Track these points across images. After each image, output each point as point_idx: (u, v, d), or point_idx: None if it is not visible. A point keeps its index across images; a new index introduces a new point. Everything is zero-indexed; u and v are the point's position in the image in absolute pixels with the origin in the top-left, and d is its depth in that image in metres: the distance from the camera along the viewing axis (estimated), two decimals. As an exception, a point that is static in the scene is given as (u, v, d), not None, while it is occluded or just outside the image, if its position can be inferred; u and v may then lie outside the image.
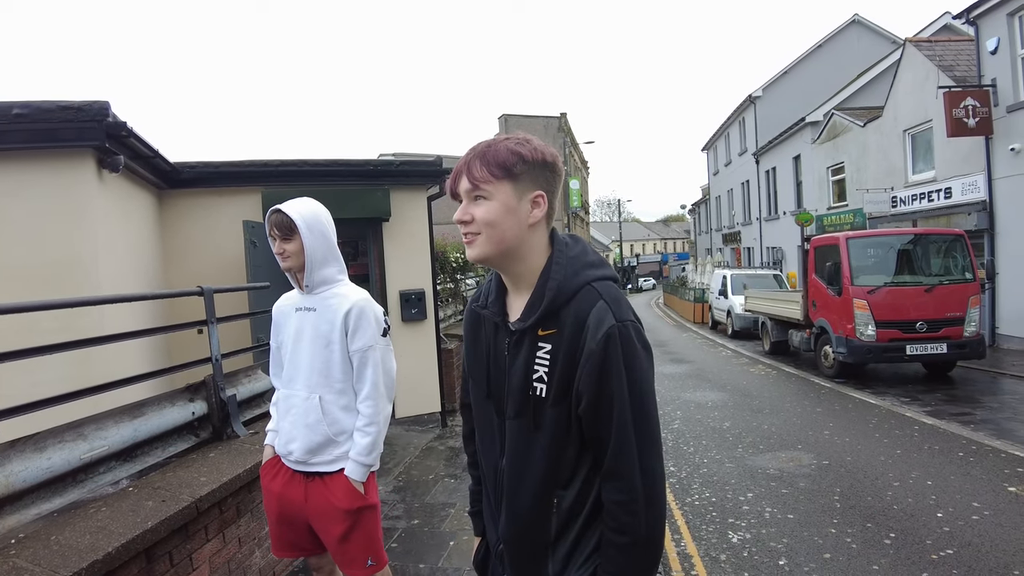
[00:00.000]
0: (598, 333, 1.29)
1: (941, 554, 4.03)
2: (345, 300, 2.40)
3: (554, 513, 1.38)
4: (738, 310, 17.03)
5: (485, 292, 1.53)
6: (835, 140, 19.48)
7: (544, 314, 1.35)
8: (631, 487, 1.30)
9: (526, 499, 1.39)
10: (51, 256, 4.42)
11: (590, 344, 1.29)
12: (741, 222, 30.36)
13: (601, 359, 1.28)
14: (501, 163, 1.34)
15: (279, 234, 2.37)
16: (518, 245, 1.37)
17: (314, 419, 2.36)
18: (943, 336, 9.49)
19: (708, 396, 9.63)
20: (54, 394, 2.59)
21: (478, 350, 1.52)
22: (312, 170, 6.87)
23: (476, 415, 1.56)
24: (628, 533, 1.30)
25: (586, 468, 1.37)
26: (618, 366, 1.28)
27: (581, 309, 1.33)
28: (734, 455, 6.42)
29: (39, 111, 4.22)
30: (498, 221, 1.34)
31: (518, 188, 1.35)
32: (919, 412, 7.86)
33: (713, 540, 4.45)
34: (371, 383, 2.37)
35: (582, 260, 1.40)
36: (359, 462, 2.35)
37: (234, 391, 3.73)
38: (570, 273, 1.37)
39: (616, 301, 1.34)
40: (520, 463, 1.40)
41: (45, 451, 2.53)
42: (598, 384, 1.29)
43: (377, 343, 2.39)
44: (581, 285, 1.36)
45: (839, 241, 10.45)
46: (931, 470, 5.61)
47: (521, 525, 1.41)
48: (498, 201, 1.34)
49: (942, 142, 13.74)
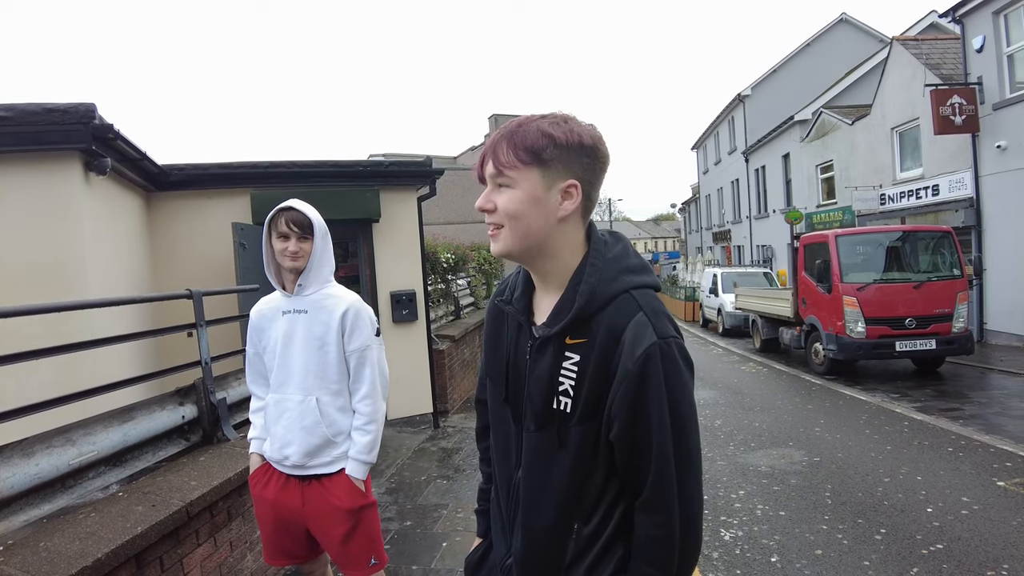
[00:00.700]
0: (636, 351, 1.14)
1: (931, 549, 4.05)
2: (341, 301, 2.40)
3: (572, 539, 1.24)
4: (729, 308, 17.10)
5: (511, 286, 1.38)
6: (824, 138, 19.59)
7: (573, 321, 1.20)
8: (669, 522, 1.16)
9: (544, 520, 1.26)
10: (38, 260, 4.38)
11: (626, 363, 1.15)
12: (731, 220, 30.48)
13: (639, 382, 1.14)
14: (529, 146, 1.18)
15: (298, 232, 2.34)
16: (546, 240, 1.22)
17: (311, 421, 2.35)
18: (932, 332, 9.57)
19: (699, 394, 9.65)
20: (42, 399, 2.57)
21: (498, 348, 1.38)
22: (302, 171, 6.84)
23: (492, 417, 1.43)
24: (661, 567, 1.18)
25: (612, 495, 1.24)
26: (659, 391, 1.14)
27: (616, 320, 1.18)
28: (726, 453, 6.45)
29: (24, 114, 4.18)
30: (522, 212, 1.20)
31: (547, 176, 1.19)
32: (909, 408, 7.91)
33: (705, 538, 4.46)
34: (369, 382, 2.39)
35: (621, 263, 1.24)
36: (360, 460, 2.36)
37: (224, 394, 3.71)
38: (606, 277, 1.21)
39: (657, 314, 1.18)
40: (539, 481, 1.26)
41: (33, 457, 2.50)
42: (635, 410, 1.15)
43: (373, 342, 2.41)
44: (618, 292, 1.20)
45: (828, 239, 10.51)
46: (921, 465, 5.65)
47: (536, 546, 1.28)
48: (523, 190, 1.19)
49: (929, 140, 13.85)
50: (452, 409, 8.65)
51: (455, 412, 8.71)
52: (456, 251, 10.83)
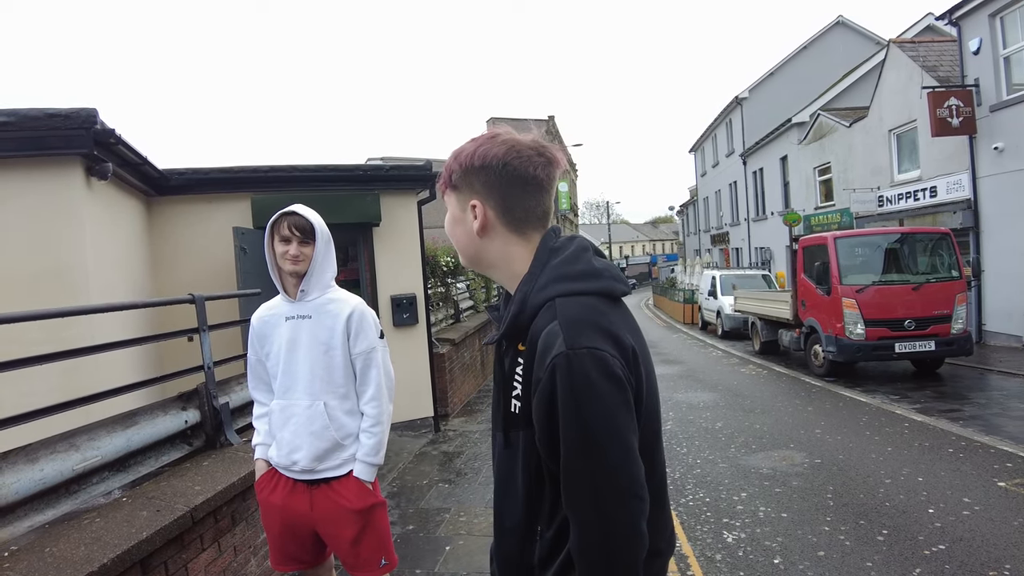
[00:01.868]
0: (545, 360, 1.12)
1: (933, 549, 4.06)
2: (345, 305, 2.42)
3: (537, 541, 1.25)
4: (728, 310, 17.11)
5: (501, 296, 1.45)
6: (821, 140, 19.64)
7: (509, 330, 1.24)
8: (586, 536, 1.12)
9: (509, 521, 1.28)
10: (39, 265, 4.39)
11: (538, 372, 1.14)
12: (729, 223, 30.54)
13: (548, 391, 1.11)
14: (445, 171, 1.31)
15: (300, 236, 2.35)
16: (477, 254, 1.31)
17: (320, 426, 2.36)
18: (931, 334, 9.59)
19: (700, 397, 9.66)
20: (43, 405, 2.56)
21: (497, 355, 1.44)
22: (302, 176, 6.85)
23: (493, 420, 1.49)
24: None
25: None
26: (565, 402, 1.09)
27: (537, 329, 1.18)
28: (727, 455, 6.45)
29: (26, 119, 4.19)
30: (450, 231, 1.33)
31: (460, 198, 1.30)
32: (909, 409, 7.93)
33: (708, 540, 4.47)
34: (375, 384, 2.41)
35: (559, 270, 1.22)
36: (367, 462, 2.38)
37: (227, 399, 3.70)
38: (539, 285, 1.21)
39: (574, 323, 1.13)
40: (503, 483, 1.31)
41: (37, 462, 2.50)
42: (543, 420, 1.14)
43: (378, 344, 2.43)
44: (544, 301, 1.19)
45: (827, 241, 10.53)
46: (922, 467, 5.66)
47: (507, 548, 1.30)
48: (449, 211, 1.33)
49: (927, 142, 13.89)
50: (453, 413, 8.65)
51: (456, 416, 8.70)
52: (456, 254, 10.84)
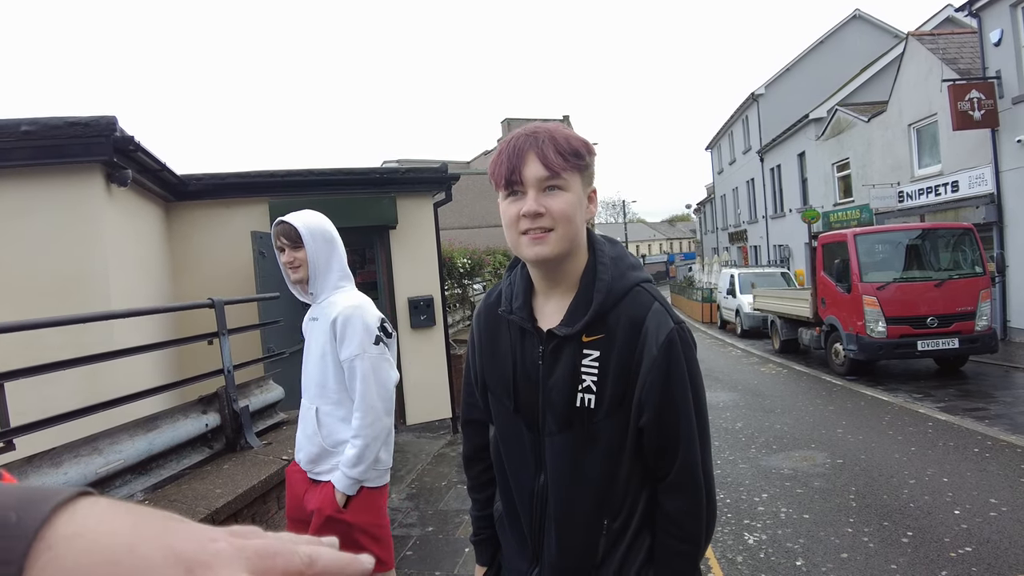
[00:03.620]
0: (659, 338, 1.22)
1: (960, 552, 3.99)
2: (334, 308, 2.35)
3: (603, 535, 1.29)
4: (747, 309, 16.96)
5: (507, 295, 1.38)
6: (839, 136, 19.42)
7: (593, 318, 1.24)
8: (698, 498, 1.26)
9: (577, 520, 1.29)
10: (62, 271, 4.44)
11: (651, 350, 1.22)
12: (747, 220, 30.27)
13: (666, 365, 1.22)
14: (575, 151, 1.22)
15: (288, 243, 2.37)
16: (577, 241, 1.26)
17: (311, 430, 2.38)
18: (954, 331, 9.43)
19: (719, 396, 9.59)
20: (65, 409, 2.59)
21: (499, 359, 1.38)
22: (318, 179, 6.89)
23: (503, 433, 1.41)
24: (693, 541, 1.26)
25: (635, 487, 1.30)
26: (681, 372, 1.23)
27: (635, 312, 1.25)
28: (747, 455, 6.39)
29: (47, 127, 4.25)
30: (573, 215, 1.22)
31: (585, 181, 1.26)
32: (932, 408, 7.81)
33: (729, 542, 4.43)
34: (360, 394, 2.29)
35: (626, 261, 1.32)
36: (344, 473, 2.28)
37: (246, 402, 3.73)
38: (617, 274, 1.28)
39: (666, 303, 1.28)
40: (569, 482, 1.28)
41: (61, 466, 2.53)
42: (663, 393, 1.22)
43: (366, 351, 2.29)
44: (630, 287, 1.28)
45: (847, 238, 10.41)
46: (947, 467, 5.57)
47: (571, 547, 1.30)
48: (574, 193, 1.22)
49: (948, 135, 13.67)
50: (470, 414, 8.63)
51: (473, 417, 8.69)
52: (472, 255, 10.86)
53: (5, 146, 4.23)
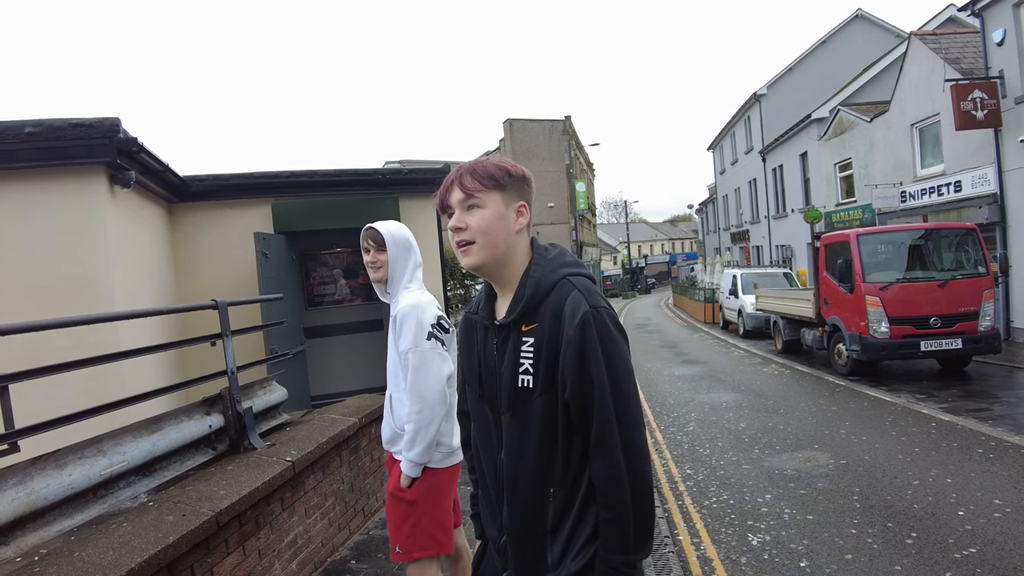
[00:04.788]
0: (574, 319, 1.39)
1: (964, 553, 3.98)
2: (397, 306, 2.64)
3: (551, 502, 1.45)
4: (749, 309, 16.93)
5: (476, 301, 1.65)
6: (842, 136, 19.39)
7: (525, 309, 1.45)
8: (615, 462, 1.37)
9: (525, 489, 1.47)
10: (65, 272, 4.45)
11: (568, 331, 1.39)
12: (749, 221, 30.24)
13: (580, 343, 1.38)
14: (490, 175, 1.47)
15: (375, 246, 2.71)
16: (506, 250, 1.49)
17: (386, 413, 2.73)
18: (957, 331, 9.40)
19: (722, 397, 9.58)
20: (71, 410, 2.60)
21: (471, 355, 1.63)
22: (321, 180, 6.89)
23: (474, 416, 1.66)
24: (617, 508, 1.38)
25: (577, 457, 1.44)
26: (595, 348, 1.37)
27: (558, 300, 1.43)
28: (751, 456, 6.39)
29: (51, 129, 4.26)
30: (491, 228, 1.46)
31: (506, 198, 1.49)
32: (935, 409, 7.79)
33: (733, 543, 4.42)
34: (410, 383, 2.53)
35: (559, 260, 1.52)
36: (405, 456, 2.55)
37: (250, 403, 3.73)
38: (547, 271, 1.48)
39: (589, 290, 1.44)
40: (516, 454, 1.48)
41: (66, 468, 2.54)
42: (578, 368, 1.38)
43: (419, 345, 2.52)
44: (557, 280, 1.46)
45: (850, 238, 10.38)
46: (950, 468, 5.56)
47: (522, 514, 1.48)
48: (491, 209, 1.47)
49: (950, 135, 13.64)
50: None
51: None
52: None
53: (9, 148, 4.25)
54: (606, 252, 68.43)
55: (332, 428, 4.09)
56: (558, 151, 39.63)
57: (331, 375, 7.47)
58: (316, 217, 6.66)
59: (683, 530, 4.74)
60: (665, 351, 15.94)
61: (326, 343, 7.38)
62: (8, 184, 4.38)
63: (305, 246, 7.21)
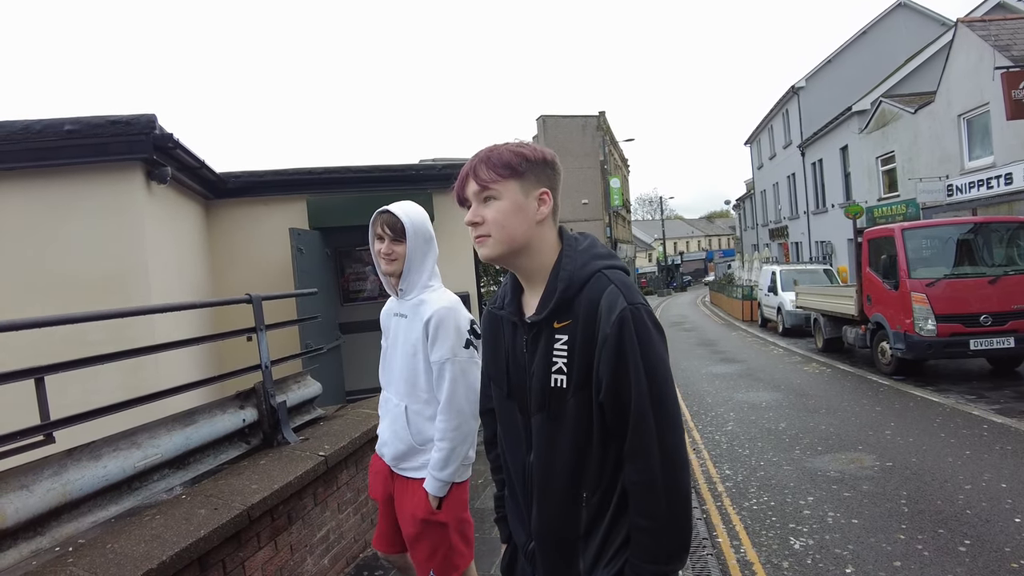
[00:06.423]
0: (611, 316, 1.31)
1: (1022, 562, 3.78)
2: (428, 308, 2.33)
3: (583, 507, 1.38)
4: (789, 307, 16.56)
5: (501, 295, 1.56)
6: (884, 129, 18.83)
7: (557, 305, 1.37)
8: (650, 467, 1.30)
9: (556, 493, 1.40)
10: (103, 267, 4.51)
11: (604, 328, 1.31)
12: (788, 216, 29.64)
13: (617, 341, 1.30)
14: (506, 163, 1.39)
15: (391, 235, 2.39)
16: (528, 241, 1.41)
17: (400, 427, 2.40)
18: (1010, 329, 9.01)
19: (761, 396, 9.36)
20: (107, 402, 2.61)
21: (497, 351, 1.55)
22: (356, 176, 6.90)
23: (500, 416, 1.58)
24: (651, 516, 1.30)
25: (612, 460, 1.37)
26: (633, 347, 1.30)
27: (594, 295, 1.35)
28: (791, 457, 6.20)
29: (89, 126, 4.31)
30: (508, 220, 1.38)
31: (524, 186, 1.40)
32: (987, 410, 7.48)
33: (774, 546, 4.28)
34: (447, 397, 2.27)
35: (591, 252, 1.43)
36: (435, 476, 2.29)
37: (284, 398, 3.72)
38: (580, 264, 1.39)
39: (626, 286, 1.36)
40: (547, 457, 1.40)
41: (100, 459, 2.54)
42: (615, 366, 1.30)
43: (457, 355, 2.28)
44: (591, 274, 1.38)
45: (895, 233, 10.05)
46: (1005, 472, 5.31)
47: (552, 519, 1.41)
48: (507, 200, 1.39)
49: (1000, 125, 13.12)
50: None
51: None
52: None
53: (51, 145, 4.32)
54: (641, 249, 67.84)
55: (366, 423, 4.07)
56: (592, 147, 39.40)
57: (366, 370, 7.47)
58: (350, 213, 6.66)
59: (722, 532, 4.61)
60: (702, 349, 15.69)
61: (361, 339, 7.39)
62: (49, 181, 4.46)
63: (339, 242, 7.23)
